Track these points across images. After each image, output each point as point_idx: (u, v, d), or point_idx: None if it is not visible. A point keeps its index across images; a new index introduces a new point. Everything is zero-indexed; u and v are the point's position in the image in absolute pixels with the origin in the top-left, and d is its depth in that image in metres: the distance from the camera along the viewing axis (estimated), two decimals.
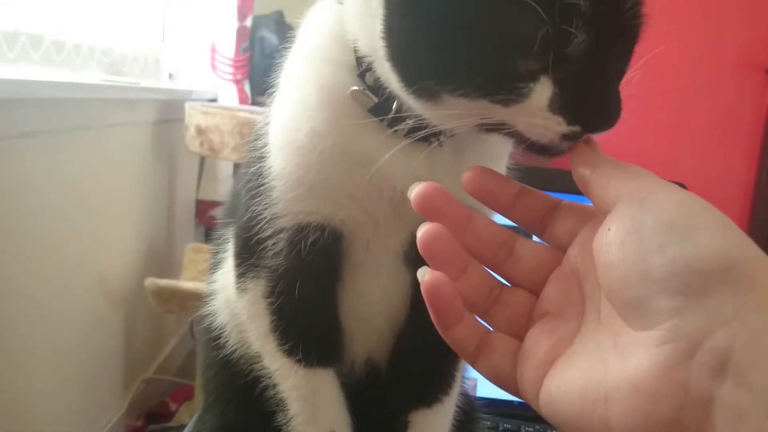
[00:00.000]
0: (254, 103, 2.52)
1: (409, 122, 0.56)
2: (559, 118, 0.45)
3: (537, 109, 0.46)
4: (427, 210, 0.46)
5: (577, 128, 0.45)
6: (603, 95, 0.46)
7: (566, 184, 0.51)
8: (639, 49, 0.50)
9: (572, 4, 0.43)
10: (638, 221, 0.38)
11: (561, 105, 0.45)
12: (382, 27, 0.51)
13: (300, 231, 0.62)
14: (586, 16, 0.43)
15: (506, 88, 0.45)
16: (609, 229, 0.40)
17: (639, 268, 0.37)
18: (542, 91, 0.45)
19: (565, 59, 0.45)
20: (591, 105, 0.46)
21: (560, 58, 0.44)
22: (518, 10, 0.43)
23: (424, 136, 0.55)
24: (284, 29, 2.61)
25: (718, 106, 3.07)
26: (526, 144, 0.48)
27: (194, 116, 1.98)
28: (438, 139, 0.57)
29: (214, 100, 2.47)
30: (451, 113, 0.49)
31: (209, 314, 0.76)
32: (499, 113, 0.47)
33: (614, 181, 0.42)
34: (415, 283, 0.65)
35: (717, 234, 0.37)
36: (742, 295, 0.35)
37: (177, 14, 2.39)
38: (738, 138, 3.11)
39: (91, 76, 1.73)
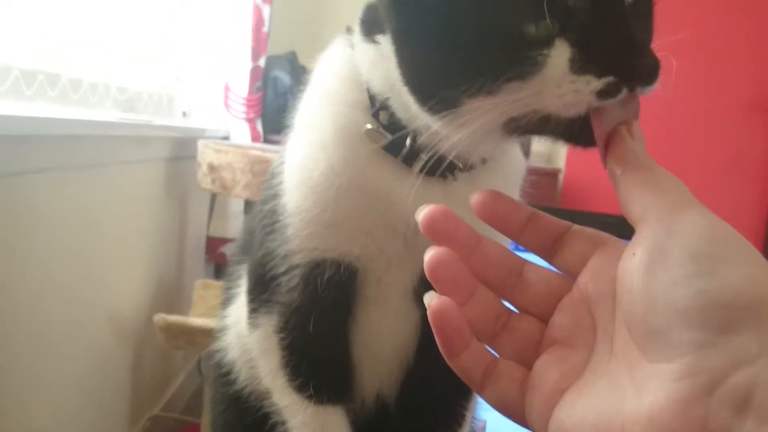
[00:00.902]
0: (266, 141, 2.55)
1: (424, 157, 0.57)
2: (587, 77, 0.44)
3: (560, 76, 0.44)
4: (435, 232, 0.45)
5: (610, 78, 0.43)
6: (629, 38, 0.44)
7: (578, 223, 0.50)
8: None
9: None
10: (665, 248, 0.37)
11: (583, 62, 0.44)
12: (396, 59, 0.53)
13: (315, 267, 0.63)
14: None
15: (520, 59, 0.44)
16: (634, 254, 0.39)
17: (663, 298, 0.36)
18: (559, 55, 0.44)
19: (572, 14, 0.44)
20: (616, 49, 0.44)
21: (567, 15, 0.44)
22: None
23: (439, 171, 0.56)
24: (297, 69, 2.66)
25: (727, 148, 3.07)
26: (568, 129, 0.47)
27: (207, 154, 2.01)
28: (453, 174, 0.58)
29: (226, 138, 2.50)
30: (474, 119, 0.48)
31: (220, 349, 0.77)
32: (524, 98, 0.46)
33: (640, 189, 0.41)
34: (424, 320, 0.65)
35: (744, 268, 0.36)
36: (767, 332, 0.34)
37: (192, 54, 2.44)
38: (748, 180, 3.11)
39: (107, 113, 1.76)
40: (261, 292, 0.66)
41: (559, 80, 0.44)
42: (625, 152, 0.43)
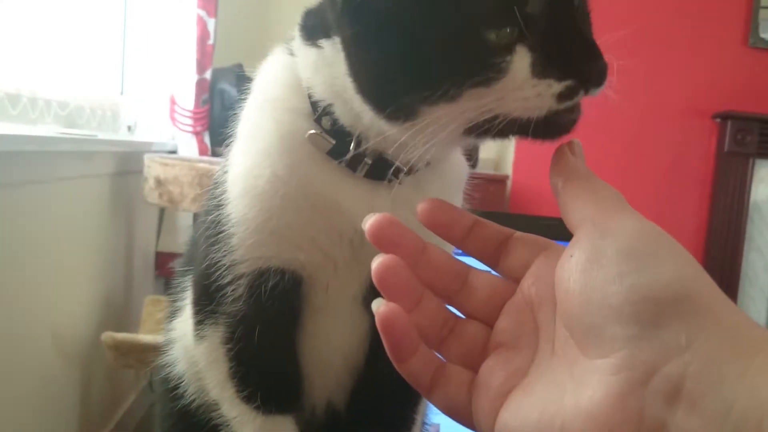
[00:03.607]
0: (214, 154, 2.53)
1: (368, 161, 0.58)
2: (548, 80, 0.46)
3: (522, 81, 0.46)
4: (381, 240, 0.46)
5: (569, 82, 0.46)
6: (582, 42, 0.47)
7: (524, 229, 0.51)
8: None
9: None
10: (599, 249, 0.39)
11: (544, 66, 0.46)
12: (347, 65, 0.53)
13: (260, 276, 0.62)
14: None
15: (483, 66, 0.46)
16: (571, 256, 0.40)
17: (598, 295, 0.38)
18: (521, 60, 0.46)
19: (532, 21, 0.45)
20: (574, 54, 0.46)
21: (526, 21, 0.45)
22: None
23: (384, 174, 0.56)
24: (244, 82, 2.62)
25: (667, 152, 3.15)
26: (531, 129, 0.48)
27: (153, 168, 1.98)
28: (397, 177, 0.58)
29: (173, 152, 2.46)
30: (434, 124, 0.49)
31: (167, 364, 0.75)
32: (487, 103, 0.47)
33: (579, 199, 0.43)
34: (372, 327, 0.65)
35: (672, 264, 0.38)
36: (695, 324, 0.36)
37: (136, 67, 2.40)
38: (688, 184, 3.19)
39: (48, 129, 1.72)
40: (206, 303, 0.65)
41: (522, 85, 0.46)
42: (566, 167, 0.45)
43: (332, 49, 0.55)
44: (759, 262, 3.16)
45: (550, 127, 0.48)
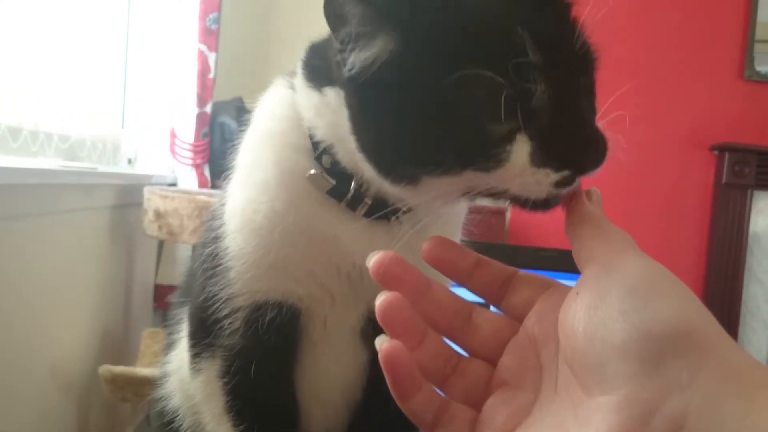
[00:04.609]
0: (214, 186, 2.54)
1: (368, 202, 0.58)
2: (546, 170, 0.47)
3: (522, 168, 0.47)
4: (385, 278, 0.46)
5: (566, 172, 0.47)
6: (581, 134, 0.48)
7: (524, 260, 0.51)
8: None
9: (525, 62, 0.45)
10: (603, 288, 0.40)
11: (543, 157, 0.46)
12: (350, 124, 0.53)
13: (257, 309, 0.62)
14: (540, 68, 0.45)
15: (484, 155, 0.47)
16: (577, 294, 0.41)
17: (601, 333, 0.38)
18: (521, 149, 0.47)
19: (534, 113, 0.46)
20: (572, 146, 0.47)
21: (529, 113, 0.46)
22: (475, 81, 0.45)
23: (384, 214, 0.56)
24: (244, 115, 2.65)
25: (665, 184, 3.17)
26: (527, 203, 0.49)
27: (153, 200, 1.98)
28: (397, 216, 0.59)
29: (173, 185, 2.47)
30: (434, 191, 0.50)
31: (162, 397, 0.75)
32: (486, 180, 0.48)
33: (590, 241, 0.44)
34: (372, 360, 0.65)
35: (674, 302, 0.38)
36: (696, 361, 0.36)
37: (137, 100, 2.42)
38: (687, 215, 3.20)
39: (49, 162, 1.73)
40: (203, 336, 0.65)
41: (521, 172, 0.47)
42: (581, 214, 0.46)
43: (336, 100, 0.55)
44: (760, 294, 3.14)
45: (548, 201, 0.49)
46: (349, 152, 0.55)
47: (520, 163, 0.47)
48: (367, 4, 0.48)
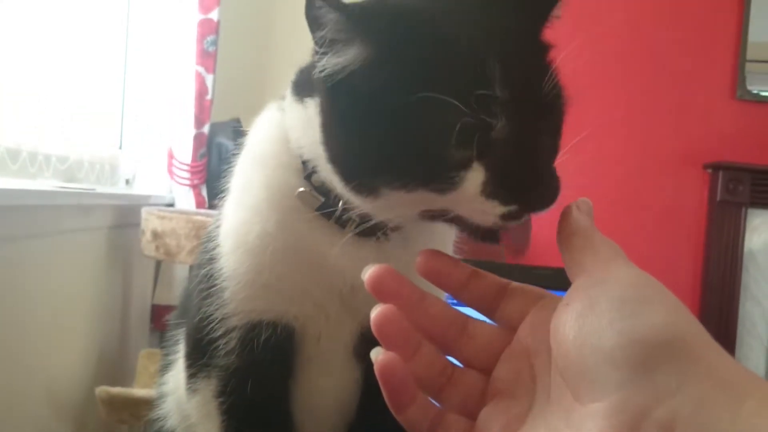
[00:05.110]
0: (211, 207, 2.54)
1: (356, 219, 0.59)
2: (494, 202, 0.48)
3: (472, 196, 0.48)
4: (380, 291, 0.47)
5: (513, 207, 0.48)
6: (535, 173, 0.49)
7: (519, 278, 0.52)
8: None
9: (490, 95, 0.46)
10: (593, 297, 0.40)
11: (493, 189, 0.48)
12: (321, 134, 0.55)
13: (252, 329, 0.63)
14: (503, 103, 0.46)
15: (439, 178, 0.48)
16: (567, 304, 0.42)
17: (591, 341, 0.39)
18: (474, 177, 0.48)
19: (492, 144, 0.47)
20: (523, 184, 0.48)
21: (487, 144, 0.47)
22: (438, 106, 0.46)
23: (372, 230, 0.57)
24: (241, 136, 2.66)
25: (660, 202, 3.18)
26: (472, 229, 0.51)
27: (150, 220, 1.99)
28: (384, 233, 0.60)
29: (171, 205, 2.48)
30: (392, 205, 0.51)
31: (159, 418, 0.75)
32: (439, 202, 0.49)
33: (579, 253, 0.45)
34: (365, 376, 0.66)
35: (662, 310, 0.39)
36: (685, 368, 0.37)
37: (135, 122, 2.44)
38: (682, 234, 3.20)
39: (47, 183, 1.74)
40: (199, 356, 0.66)
41: (471, 198, 0.48)
42: (572, 224, 0.47)
43: (315, 109, 0.57)
44: (756, 312, 3.14)
45: (494, 231, 0.51)
46: (328, 169, 0.57)
47: (471, 191, 0.48)
48: (342, 12, 0.49)
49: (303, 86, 0.60)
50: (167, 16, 2.39)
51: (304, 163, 0.60)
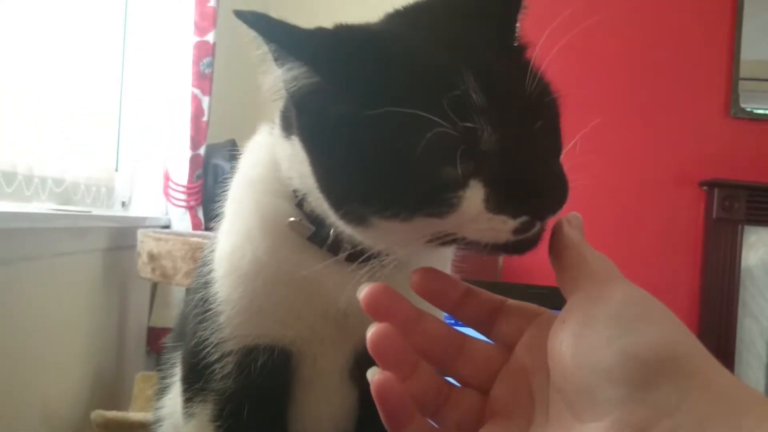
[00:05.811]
0: (208, 228, 2.53)
1: (348, 248, 0.58)
2: (503, 216, 0.46)
3: (476, 214, 0.46)
4: (376, 309, 0.46)
5: (524, 218, 0.46)
6: (538, 177, 0.46)
7: (515, 297, 0.52)
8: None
9: (464, 102, 0.44)
10: (590, 315, 0.40)
11: (498, 203, 0.45)
12: (309, 164, 0.54)
13: (248, 353, 0.63)
14: (483, 110, 0.44)
15: (434, 200, 0.46)
16: (564, 322, 0.42)
17: (589, 359, 0.39)
18: (474, 195, 0.46)
19: (485, 156, 0.45)
20: (529, 190, 0.46)
21: (479, 157, 0.45)
22: (417, 124, 0.44)
23: (365, 258, 0.56)
24: (236, 157, 2.66)
25: (657, 220, 3.19)
26: (489, 249, 0.48)
27: (146, 242, 1.99)
28: (378, 260, 0.59)
29: (167, 227, 2.47)
30: (389, 235, 0.50)
31: None
32: (441, 226, 0.47)
33: (573, 269, 0.44)
34: (361, 398, 0.66)
35: (659, 327, 0.39)
36: (684, 385, 0.36)
37: (131, 144, 2.44)
38: (679, 251, 3.21)
39: (43, 206, 1.73)
40: (195, 380, 0.65)
41: (476, 217, 0.46)
42: (562, 240, 0.46)
43: (299, 144, 0.56)
44: (755, 328, 3.14)
45: (515, 246, 0.48)
46: (319, 199, 0.55)
47: (474, 210, 0.46)
48: (276, 42, 0.49)
49: (288, 122, 0.59)
50: (163, 38, 2.40)
51: (294, 191, 0.60)
